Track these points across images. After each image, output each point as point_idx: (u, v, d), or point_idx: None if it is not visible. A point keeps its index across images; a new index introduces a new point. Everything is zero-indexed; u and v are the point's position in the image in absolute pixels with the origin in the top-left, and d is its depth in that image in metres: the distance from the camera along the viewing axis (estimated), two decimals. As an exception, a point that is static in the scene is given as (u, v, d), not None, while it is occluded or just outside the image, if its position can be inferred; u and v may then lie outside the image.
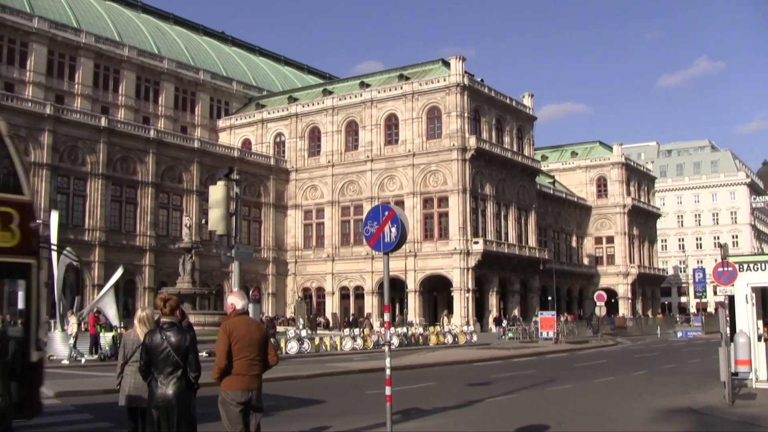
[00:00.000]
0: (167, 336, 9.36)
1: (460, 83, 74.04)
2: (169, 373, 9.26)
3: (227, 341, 9.61)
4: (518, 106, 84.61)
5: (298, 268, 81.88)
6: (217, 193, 13.75)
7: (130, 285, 66.78)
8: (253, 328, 9.92)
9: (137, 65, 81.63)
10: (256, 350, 9.73)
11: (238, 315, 9.98)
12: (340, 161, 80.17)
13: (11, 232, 11.36)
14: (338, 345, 43.71)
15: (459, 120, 73.74)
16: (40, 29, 73.15)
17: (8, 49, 71.39)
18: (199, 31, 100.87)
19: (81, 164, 65.48)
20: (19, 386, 9.99)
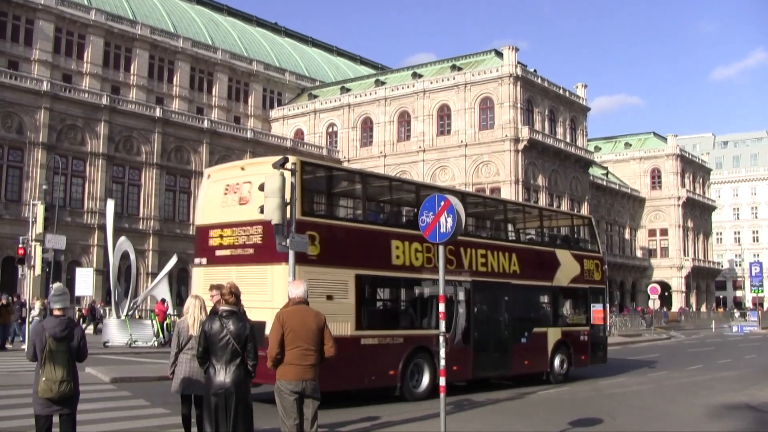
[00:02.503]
0: (227, 324, 9.40)
1: (513, 73, 73.58)
2: (228, 361, 9.31)
3: (280, 331, 9.68)
4: (571, 97, 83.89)
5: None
6: (272, 182, 13.73)
7: (183, 273, 67.17)
8: (309, 318, 9.86)
9: (191, 56, 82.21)
10: (311, 340, 9.72)
11: (294, 304, 9.97)
12: (393, 152, 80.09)
13: (599, 273, 25.94)
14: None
15: (512, 110, 73.31)
16: (97, 21, 74.03)
17: (66, 41, 72.39)
18: (253, 22, 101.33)
19: (136, 154, 66.15)
20: None
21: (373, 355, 17.57)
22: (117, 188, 64.40)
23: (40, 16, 70.25)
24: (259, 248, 16.42)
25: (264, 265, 16.21)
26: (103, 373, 21.40)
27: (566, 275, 24.00)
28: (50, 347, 9.27)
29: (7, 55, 67.81)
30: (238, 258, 16.81)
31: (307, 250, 15.41)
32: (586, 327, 24.87)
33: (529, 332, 22.40)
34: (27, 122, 59.42)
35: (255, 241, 16.49)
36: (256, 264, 16.37)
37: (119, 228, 47.73)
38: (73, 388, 9.40)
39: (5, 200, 58.47)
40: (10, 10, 68.58)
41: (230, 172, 18.71)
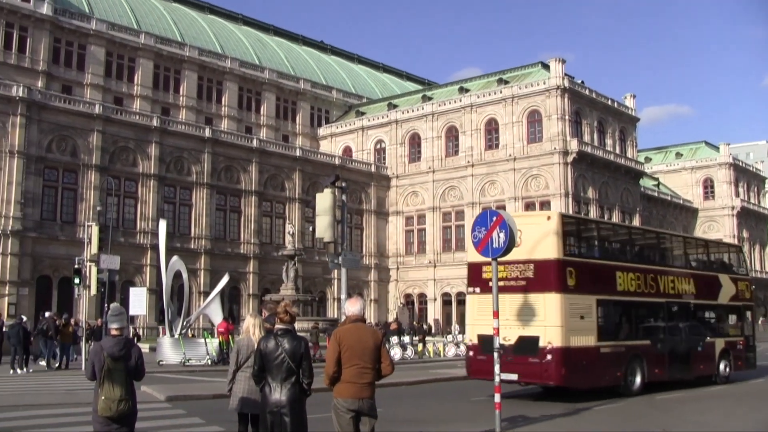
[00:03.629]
0: (282, 342, 9.50)
1: (561, 86, 73.30)
2: (283, 379, 9.40)
3: (337, 349, 9.64)
4: (620, 108, 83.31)
5: (400, 274, 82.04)
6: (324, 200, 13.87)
7: (234, 292, 67.84)
8: (366, 336, 9.81)
9: (239, 76, 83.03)
10: (368, 358, 9.66)
11: (351, 322, 9.97)
12: (441, 167, 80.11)
13: (749, 292, 30.05)
14: (441, 351, 43.63)
15: (560, 123, 73.02)
16: (146, 45, 75.19)
17: (117, 65, 73.65)
18: (299, 41, 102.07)
19: (186, 174, 66.88)
20: None
21: (608, 360, 21.81)
22: (168, 208, 65.13)
23: (92, 42, 71.47)
24: (530, 281, 20.68)
25: (537, 294, 20.44)
26: (158, 392, 21.62)
27: (726, 295, 28.40)
28: (108, 366, 9.35)
29: (61, 79, 69.00)
30: (511, 288, 20.66)
31: (358, 267, 15.69)
32: (741, 337, 29.12)
33: (703, 342, 26.44)
34: (80, 145, 60.34)
35: (527, 275, 20.75)
36: (529, 293, 20.53)
37: (171, 248, 48.12)
38: (131, 406, 9.49)
39: (61, 222, 59.37)
40: (64, 37, 69.84)
41: None
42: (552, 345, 20.02)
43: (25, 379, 28.42)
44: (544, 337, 20.12)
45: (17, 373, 29.94)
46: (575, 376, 20.62)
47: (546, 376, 20.60)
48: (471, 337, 22.75)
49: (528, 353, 20.16)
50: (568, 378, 20.52)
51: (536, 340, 20.06)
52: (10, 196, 56.20)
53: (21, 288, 55.93)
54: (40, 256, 57.75)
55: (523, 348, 20.21)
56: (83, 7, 73.89)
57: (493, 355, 15.53)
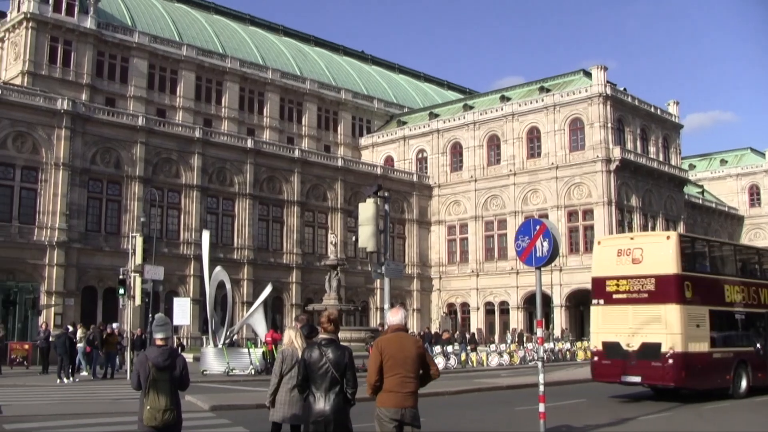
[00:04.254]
0: (326, 352, 9.56)
1: (603, 93, 72.84)
2: (327, 389, 9.45)
3: (379, 358, 9.67)
4: (663, 115, 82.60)
5: (442, 283, 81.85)
6: (366, 210, 13.88)
7: (277, 302, 68.04)
8: (408, 345, 9.82)
9: (280, 87, 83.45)
10: (410, 367, 9.67)
11: (393, 331, 9.97)
12: (483, 176, 79.89)
13: None
14: (485, 361, 43.48)
15: (602, 131, 72.56)
16: (188, 57, 75.92)
17: (160, 77, 74.42)
18: (340, 51, 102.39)
19: (229, 185, 67.26)
20: None
21: (719, 365, 23.79)
22: (211, 219, 65.53)
23: (135, 54, 72.28)
24: (652, 293, 22.96)
25: (658, 305, 22.78)
26: (203, 401, 21.72)
27: None
28: (154, 376, 9.47)
29: (105, 92, 69.81)
30: (633, 300, 23.32)
31: (401, 277, 15.83)
32: None
33: None
34: (124, 157, 60.93)
35: (648, 288, 23.01)
36: (651, 304, 22.91)
37: (214, 258, 48.41)
38: (177, 416, 9.56)
39: (105, 233, 59.95)
40: (107, 50, 70.67)
41: (620, 241, 26.67)
42: (673, 350, 22.24)
43: (71, 388, 28.71)
44: (666, 343, 22.31)
45: (64, 382, 30.27)
46: (692, 379, 22.81)
47: (667, 378, 22.58)
48: (596, 343, 24.89)
49: (651, 358, 22.46)
50: (686, 380, 22.75)
51: (658, 346, 22.41)
52: (55, 207, 56.82)
53: (67, 299, 56.49)
54: (85, 267, 58.33)
55: (646, 353, 22.57)
56: (126, 20, 74.72)
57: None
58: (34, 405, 22.88)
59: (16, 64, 67.03)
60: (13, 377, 32.57)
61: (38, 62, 66.33)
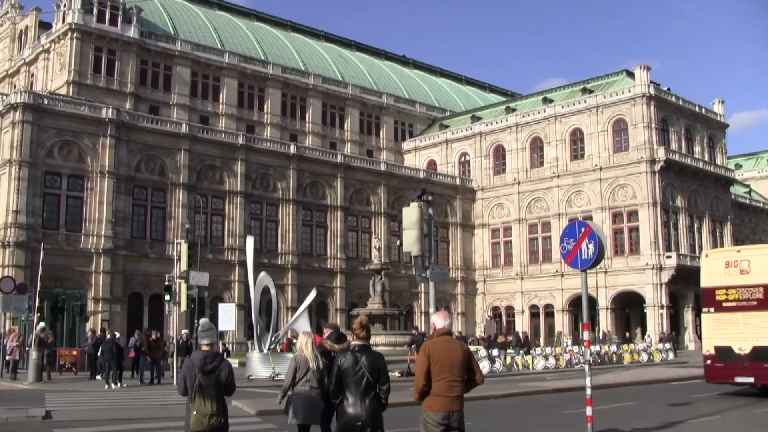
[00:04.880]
0: (361, 358, 9.84)
1: (646, 93, 72.22)
2: (362, 394, 9.70)
3: (426, 362, 9.65)
4: (708, 114, 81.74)
5: (486, 287, 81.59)
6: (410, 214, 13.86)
7: (322, 307, 68.18)
8: (455, 349, 9.82)
9: (322, 92, 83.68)
10: (457, 371, 9.66)
11: (439, 335, 9.96)
12: (526, 178, 79.54)
13: None
14: (530, 364, 43.22)
15: (646, 131, 71.94)
16: (231, 64, 76.39)
17: (202, 84, 74.95)
18: (381, 55, 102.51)
19: (272, 191, 67.56)
20: None
21: None
22: (255, 225, 65.86)
23: (178, 62, 72.89)
24: (761, 301, 24.14)
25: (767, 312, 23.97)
26: (249, 406, 21.79)
27: None
28: (200, 382, 9.55)
29: (148, 100, 70.46)
30: (743, 307, 24.58)
31: (446, 281, 15.82)
32: None
33: None
34: (168, 164, 61.46)
35: (757, 296, 24.24)
36: (760, 311, 24.08)
37: (259, 263, 48.57)
38: (223, 421, 9.63)
39: (150, 240, 60.50)
40: (150, 58, 71.34)
41: (727, 253, 28.26)
42: None
43: (119, 393, 28.95)
44: None
45: (111, 387, 30.51)
46: None
47: None
48: (708, 348, 25.84)
49: (763, 360, 23.79)
50: None
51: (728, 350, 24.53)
52: (101, 215, 57.46)
53: (114, 305, 57.09)
54: (131, 273, 58.90)
55: (758, 356, 23.88)
56: (168, 29, 75.38)
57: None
58: (83, 410, 23.12)
59: (61, 75, 67.87)
60: (62, 383, 32.91)
61: (83, 72, 67.11)
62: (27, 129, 55.34)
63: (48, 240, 50.89)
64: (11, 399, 25.08)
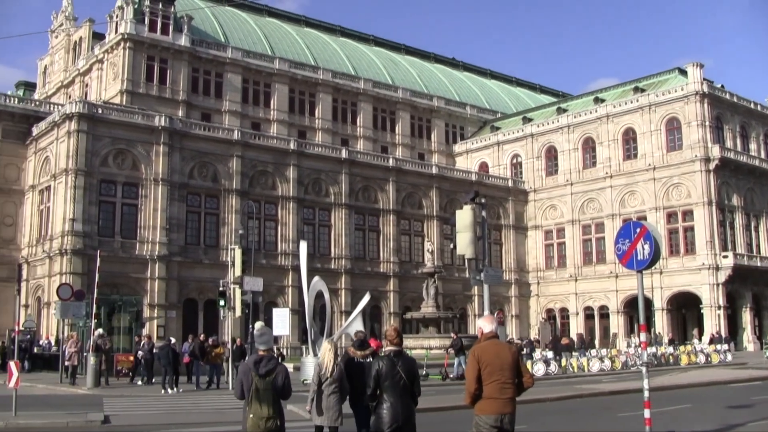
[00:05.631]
0: (398, 363, 10.48)
1: (699, 91, 71.32)
2: (399, 396, 10.28)
3: (476, 366, 9.75)
4: (764, 110, 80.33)
5: (540, 289, 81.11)
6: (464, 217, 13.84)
7: (375, 310, 68.24)
8: (504, 353, 9.92)
9: (373, 96, 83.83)
10: (508, 373, 9.73)
11: (487, 339, 10.06)
12: (579, 179, 78.94)
13: None
14: (585, 366, 42.89)
15: (700, 129, 71.04)
16: (281, 70, 76.90)
17: (253, 91, 75.53)
18: (431, 58, 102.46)
19: (324, 195, 67.78)
20: None
21: None
22: (308, 229, 66.09)
23: (229, 69, 73.55)
24: None
25: None
26: (304, 410, 21.86)
27: None
28: (257, 386, 9.72)
29: (200, 108, 71.15)
30: None
31: (500, 283, 15.78)
32: None
33: None
34: (221, 170, 61.95)
35: None
36: None
37: (312, 268, 48.72)
38: (279, 425, 9.76)
39: (204, 246, 61.03)
40: (201, 66, 72.07)
41: None
42: None
43: (175, 398, 29.20)
44: None
45: (168, 393, 30.78)
46: None
47: None
48: None
49: None
50: None
51: None
52: (156, 222, 58.09)
53: (169, 311, 57.69)
54: (185, 279, 59.46)
55: None
56: (219, 36, 76.05)
57: None
58: (140, 415, 23.38)
59: (114, 84, 68.77)
60: (119, 388, 33.28)
61: (136, 81, 67.96)
62: (82, 138, 56.18)
63: (104, 247, 51.49)
64: (70, 404, 25.40)
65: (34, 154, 62.41)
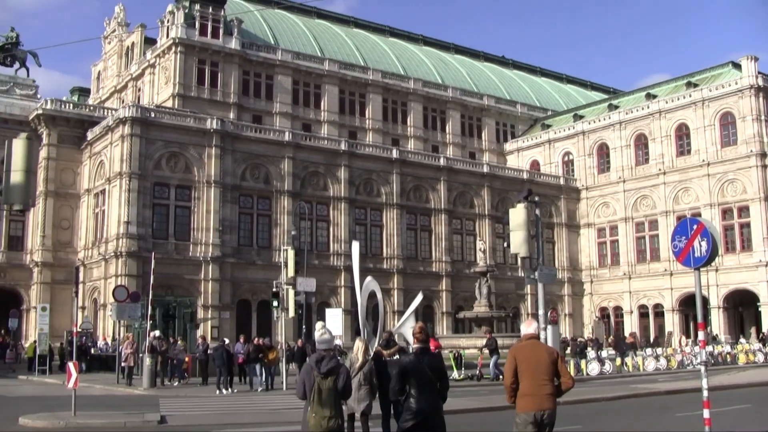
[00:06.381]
0: (423, 359, 11.01)
1: (754, 84, 70.26)
2: (425, 391, 10.74)
3: (513, 363, 10.43)
4: (821, 105, 79.05)
5: (593, 287, 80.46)
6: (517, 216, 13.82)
7: (428, 310, 68.16)
8: (540, 352, 10.52)
9: (423, 96, 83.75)
10: (544, 371, 10.28)
11: (526, 340, 10.68)
12: (631, 176, 78.17)
13: None
14: (640, 365, 42.52)
15: (755, 124, 69.97)
16: (331, 71, 77.18)
17: (303, 92, 75.87)
18: (480, 57, 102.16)
19: (376, 195, 67.85)
20: None
21: None
22: (360, 230, 66.21)
23: (279, 71, 73.98)
24: None
25: None
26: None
27: None
28: (319, 385, 10.09)
29: (251, 110, 71.65)
30: None
31: (554, 282, 15.84)
32: None
33: None
34: (273, 172, 62.30)
35: None
36: None
37: (364, 268, 48.66)
38: (341, 424, 10.11)
39: (257, 247, 61.41)
40: (252, 69, 72.60)
41: None
42: None
43: (230, 399, 29.43)
44: None
45: (222, 393, 31.04)
46: None
47: None
48: None
49: None
50: None
51: None
52: (209, 224, 58.57)
53: (222, 312, 58.14)
54: (239, 280, 59.88)
55: None
56: (269, 39, 76.51)
57: None
58: (196, 415, 23.60)
59: (166, 88, 69.51)
60: (175, 388, 33.64)
61: (187, 84, 68.61)
62: (135, 142, 56.84)
63: (158, 249, 52.06)
64: (127, 404, 25.73)
65: (89, 159, 63.31)
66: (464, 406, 22.73)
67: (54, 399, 26.74)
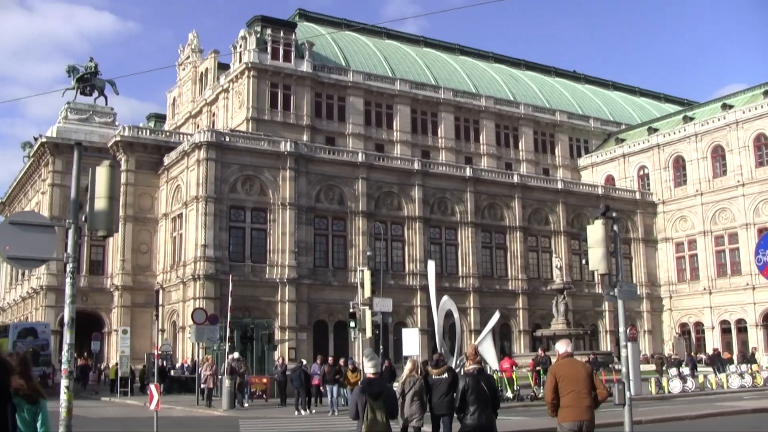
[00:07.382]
0: (481, 379, 12.68)
1: (835, 93, 68.93)
2: (482, 408, 12.34)
3: (554, 380, 11.41)
4: None
5: (673, 303, 79.16)
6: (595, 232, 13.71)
7: (505, 329, 67.74)
8: (578, 368, 11.52)
9: (495, 113, 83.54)
10: (582, 385, 11.20)
11: (563, 358, 11.75)
12: (709, 189, 76.84)
13: None
14: (724, 383, 41.64)
15: (837, 133, 68.51)
16: (402, 91, 77.46)
17: (376, 113, 76.25)
18: (551, 72, 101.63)
19: (450, 214, 67.77)
20: None
21: None
22: (435, 249, 66.11)
23: (350, 93, 74.47)
24: None
25: None
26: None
27: None
28: (370, 406, 10.98)
29: (324, 131, 72.19)
30: None
31: (635, 298, 15.91)
32: None
33: None
34: (347, 193, 62.62)
35: None
36: None
37: (440, 287, 48.78)
38: None
39: (332, 268, 61.69)
40: (324, 91, 73.20)
41: None
42: None
43: (308, 420, 29.57)
44: None
45: (301, 414, 31.17)
46: None
47: None
48: None
49: None
50: None
51: None
52: (284, 246, 59.04)
53: (300, 333, 58.47)
54: (315, 301, 60.20)
55: None
56: (340, 60, 77.08)
57: None
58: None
59: (240, 112, 70.38)
60: (254, 410, 33.86)
61: (260, 108, 69.40)
62: (211, 166, 57.66)
63: (235, 272, 52.63)
64: (208, 426, 25.99)
65: (166, 183, 64.39)
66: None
67: (136, 420, 27.13)
